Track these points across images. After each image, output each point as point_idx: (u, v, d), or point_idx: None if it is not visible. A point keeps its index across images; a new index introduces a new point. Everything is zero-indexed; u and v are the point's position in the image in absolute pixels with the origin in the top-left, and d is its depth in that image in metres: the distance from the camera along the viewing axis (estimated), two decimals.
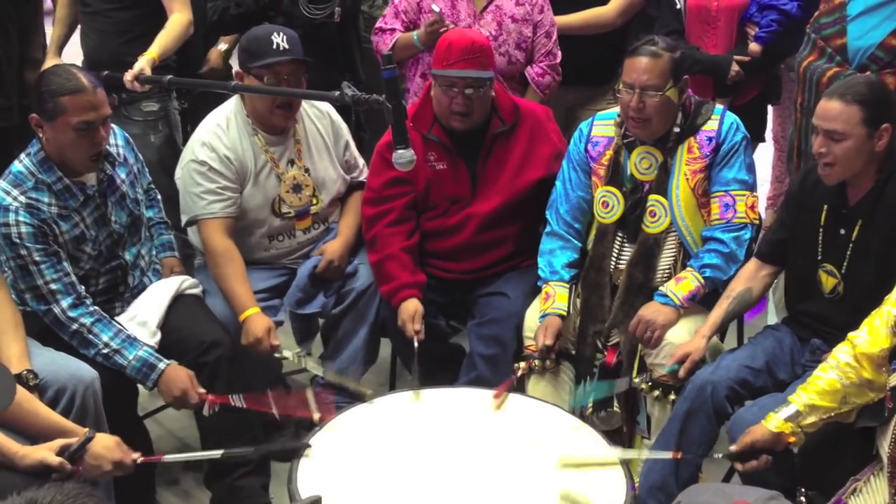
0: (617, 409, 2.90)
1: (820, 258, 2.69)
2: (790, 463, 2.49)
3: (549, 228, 3.07)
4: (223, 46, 3.97)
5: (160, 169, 3.36)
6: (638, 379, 2.82)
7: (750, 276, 2.83)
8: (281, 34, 3.00)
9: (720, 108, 2.95)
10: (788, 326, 2.82)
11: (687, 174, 2.89)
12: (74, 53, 3.66)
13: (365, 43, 3.93)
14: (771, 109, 4.21)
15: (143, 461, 2.40)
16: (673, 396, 2.76)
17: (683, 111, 2.90)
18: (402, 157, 2.40)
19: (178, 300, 2.92)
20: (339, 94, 2.49)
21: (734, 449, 2.37)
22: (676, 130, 2.88)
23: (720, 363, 2.70)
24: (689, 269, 2.88)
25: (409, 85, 3.69)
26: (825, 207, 2.66)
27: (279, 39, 2.98)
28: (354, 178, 3.36)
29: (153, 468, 2.98)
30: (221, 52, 3.97)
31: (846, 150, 2.51)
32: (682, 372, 2.70)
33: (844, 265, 2.63)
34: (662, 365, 2.78)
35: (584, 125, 3.07)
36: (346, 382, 2.97)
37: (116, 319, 2.79)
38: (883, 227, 2.57)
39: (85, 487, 1.44)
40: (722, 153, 2.87)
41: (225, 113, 3.13)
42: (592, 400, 2.82)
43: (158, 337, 2.82)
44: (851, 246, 2.61)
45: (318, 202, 3.23)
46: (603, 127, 3.02)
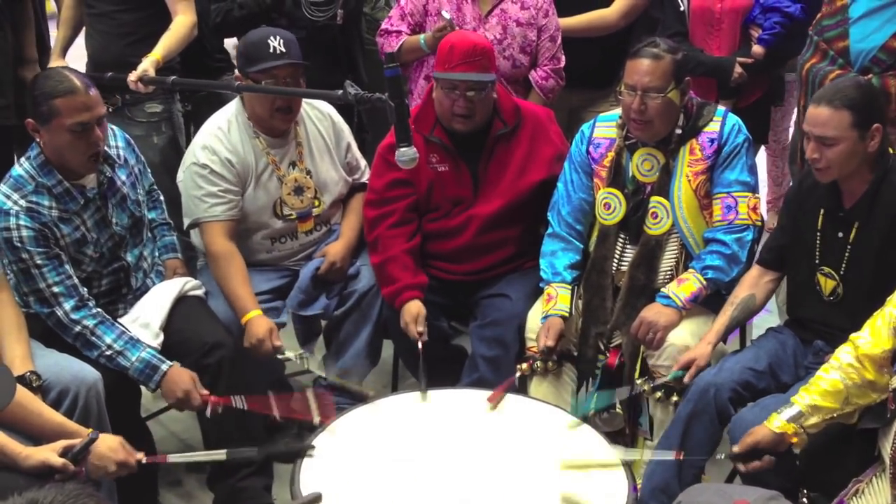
0: (619, 410, 2.90)
1: (818, 261, 2.69)
2: (791, 463, 2.49)
3: (550, 230, 3.08)
4: None
5: (163, 170, 3.37)
6: (640, 380, 2.83)
7: (753, 282, 2.84)
8: (277, 38, 3.00)
9: (722, 109, 2.96)
10: (791, 329, 2.82)
11: (689, 176, 2.89)
12: (78, 56, 3.67)
13: (367, 45, 3.94)
14: None
15: (147, 461, 2.41)
16: (675, 398, 2.76)
17: (685, 113, 2.90)
18: (404, 154, 2.41)
19: (180, 302, 2.92)
20: (342, 92, 2.49)
21: (736, 450, 2.37)
22: (678, 132, 2.88)
23: (723, 365, 2.70)
24: (690, 270, 2.88)
25: (412, 87, 3.70)
26: (821, 211, 2.67)
27: (276, 43, 2.98)
28: (356, 179, 3.36)
29: (156, 469, 2.99)
30: None
31: (839, 154, 2.51)
32: (686, 379, 2.70)
33: (843, 267, 2.64)
34: (664, 366, 2.79)
35: (585, 127, 3.07)
36: (347, 384, 2.97)
37: (119, 321, 2.80)
38: (880, 228, 2.57)
39: (86, 488, 1.43)
40: (724, 155, 2.88)
41: (226, 116, 3.13)
42: (594, 407, 2.82)
43: (161, 338, 2.82)
44: (850, 248, 2.61)
45: (319, 204, 3.23)
46: (605, 129, 3.02)
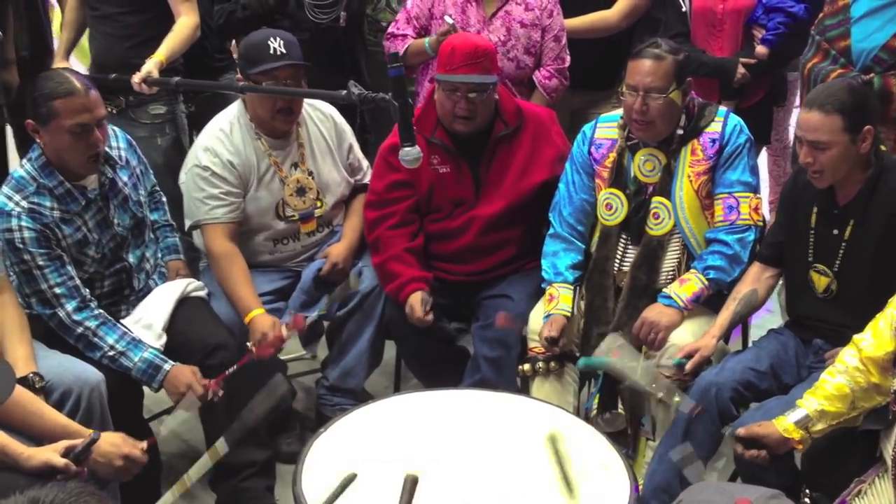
0: (621, 410, 2.90)
1: (811, 259, 2.69)
2: (790, 464, 2.50)
3: (552, 230, 3.08)
4: None
5: (167, 171, 3.37)
6: (645, 378, 2.82)
7: (754, 278, 2.84)
8: (278, 39, 2.99)
9: (723, 110, 2.95)
10: (791, 330, 2.83)
11: (690, 176, 2.89)
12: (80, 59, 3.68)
13: (370, 46, 3.94)
14: None
15: (149, 444, 2.46)
16: (677, 398, 2.76)
17: (687, 113, 2.90)
18: (408, 154, 2.41)
19: (183, 303, 2.92)
20: (345, 92, 2.50)
21: (742, 433, 2.39)
22: (680, 132, 2.89)
23: (725, 365, 2.71)
24: (692, 270, 2.88)
25: (418, 90, 3.70)
26: (815, 209, 2.68)
27: (276, 44, 2.98)
28: (358, 180, 3.37)
29: (159, 469, 2.99)
30: None
31: (832, 157, 2.52)
32: (689, 366, 2.70)
33: (837, 264, 2.64)
34: (666, 366, 2.78)
35: (587, 127, 3.07)
36: (339, 296, 3.01)
37: (122, 322, 2.81)
38: (877, 226, 2.57)
39: (87, 486, 1.44)
40: (725, 155, 2.87)
41: (228, 118, 3.13)
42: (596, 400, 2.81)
43: (164, 339, 2.83)
44: (845, 245, 2.62)
45: (322, 205, 3.23)
46: (606, 129, 3.02)
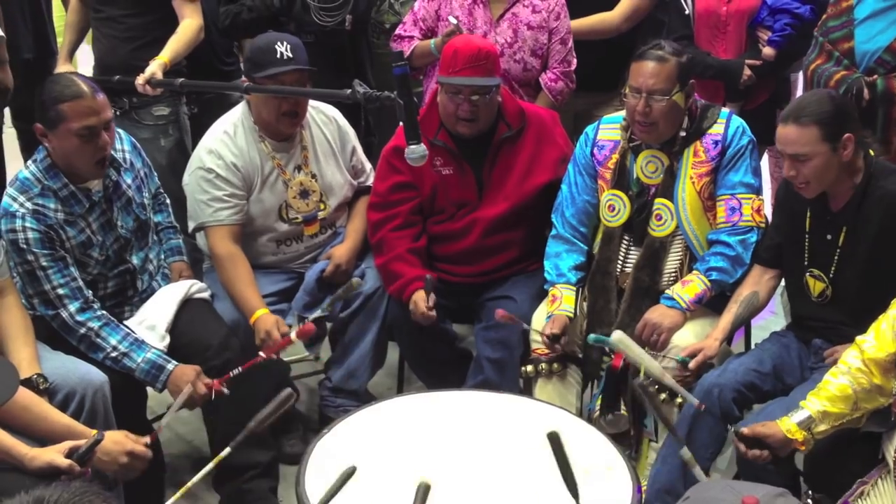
0: (624, 412, 2.90)
1: (806, 263, 2.70)
2: (791, 464, 2.50)
3: (554, 232, 3.08)
4: None
5: (170, 173, 3.38)
6: (646, 382, 2.82)
7: (755, 280, 2.84)
8: (285, 43, 3.00)
9: (726, 111, 2.96)
10: (792, 331, 2.83)
11: (693, 177, 2.89)
12: (85, 60, 3.68)
13: (374, 48, 3.94)
14: None
15: (152, 439, 2.46)
16: (680, 399, 2.76)
17: (689, 115, 2.90)
18: (414, 152, 2.42)
19: (186, 304, 2.93)
20: (350, 91, 2.50)
21: (745, 431, 2.39)
22: (682, 134, 2.89)
23: (727, 366, 2.71)
24: (695, 272, 2.88)
25: (425, 91, 3.69)
26: (808, 214, 2.68)
27: (283, 49, 2.98)
28: (362, 182, 3.37)
29: (163, 470, 3.00)
30: None
31: (814, 168, 2.52)
32: (692, 364, 2.70)
33: (832, 269, 2.65)
34: (669, 368, 2.78)
35: (589, 129, 3.07)
36: (344, 294, 3.01)
37: (125, 323, 2.81)
38: (868, 231, 2.58)
39: (92, 486, 1.44)
40: (728, 156, 2.88)
41: (232, 120, 3.14)
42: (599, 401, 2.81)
43: (167, 341, 2.83)
44: (839, 251, 2.62)
45: (325, 207, 3.24)
46: (609, 131, 3.02)
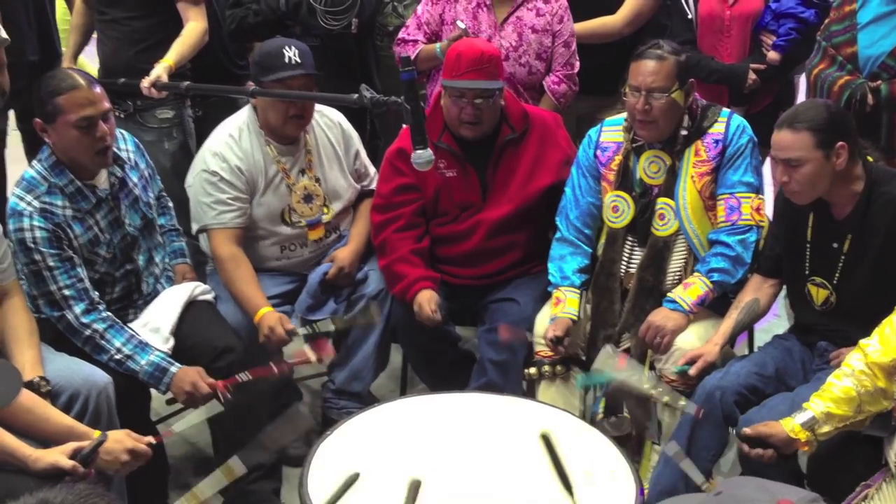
0: (627, 414, 2.90)
1: (808, 272, 2.70)
2: (794, 465, 2.50)
3: (558, 234, 3.08)
4: None
5: (174, 175, 3.38)
6: (648, 385, 2.83)
7: (755, 287, 2.85)
8: (293, 48, 3.01)
9: (726, 111, 2.97)
10: (795, 334, 2.83)
11: (694, 176, 2.90)
12: (88, 64, 3.69)
13: (379, 51, 3.94)
14: None
15: (156, 440, 2.46)
16: (682, 402, 2.76)
17: (690, 114, 2.91)
18: (420, 156, 2.43)
19: (190, 306, 2.93)
20: (357, 96, 2.51)
21: (748, 432, 2.40)
22: (684, 133, 2.90)
23: (730, 369, 2.71)
24: (696, 274, 2.89)
25: (429, 94, 3.70)
26: (810, 222, 2.68)
27: (291, 53, 2.99)
28: (365, 186, 3.37)
29: (166, 472, 3.00)
30: None
31: (806, 175, 2.54)
32: (692, 371, 2.70)
33: (836, 277, 2.65)
34: (670, 373, 2.79)
35: (592, 131, 3.08)
36: (357, 322, 3.02)
37: (130, 326, 2.81)
38: (874, 239, 2.58)
39: (97, 488, 1.45)
40: (728, 155, 2.89)
41: (237, 123, 3.14)
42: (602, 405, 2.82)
43: (171, 343, 2.84)
44: (844, 258, 2.63)
45: (328, 212, 3.24)
46: (611, 132, 3.03)
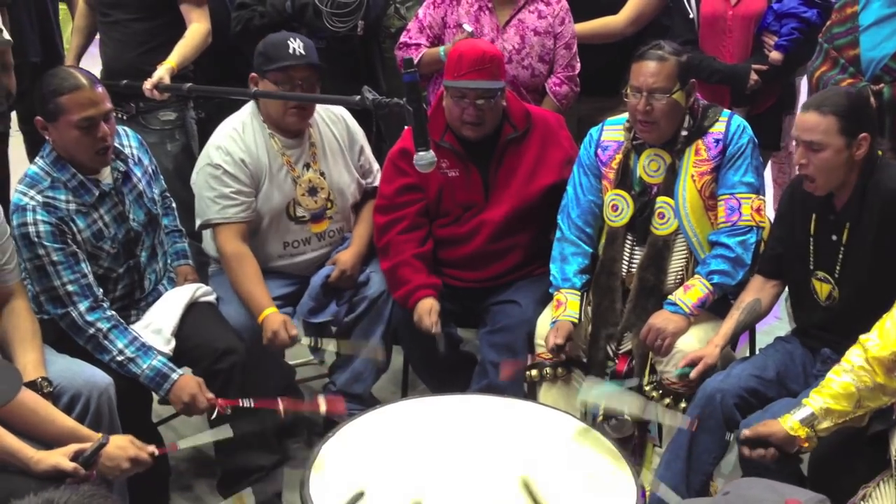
0: (628, 417, 2.90)
1: (812, 267, 2.70)
2: (795, 465, 2.50)
3: (559, 234, 3.08)
4: None
5: (176, 177, 3.39)
6: (649, 387, 2.83)
7: (757, 289, 2.85)
8: (297, 40, 3.03)
9: (727, 111, 2.97)
10: (797, 338, 2.83)
11: (694, 176, 2.89)
12: (91, 64, 3.68)
13: (384, 53, 3.94)
14: None
15: (159, 452, 2.45)
16: (683, 404, 2.76)
17: (691, 114, 2.91)
18: (423, 158, 2.43)
19: (192, 308, 2.94)
20: (359, 98, 2.51)
21: (747, 433, 2.40)
22: (684, 133, 2.90)
23: (730, 372, 2.71)
24: (696, 276, 2.89)
25: (430, 98, 3.69)
26: (813, 217, 2.68)
27: (295, 45, 3.01)
28: (369, 183, 3.37)
29: (167, 474, 3.00)
30: None
31: (825, 160, 2.53)
32: (693, 374, 2.70)
33: (837, 269, 2.65)
34: (670, 376, 2.79)
35: (594, 130, 3.08)
36: (361, 352, 3.01)
37: (132, 327, 2.81)
38: (871, 226, 2.58)
39: (100, 489, 1.46)
40: (728, 155, 2.88)
41: (241, 117, 3.15)
42: (602, 399, 2.82)
43: (173, 344, 2.84)
44: (843, 250, 2.63)
45: (332, 205, 3.24)
46: (613, 131, 3.03)
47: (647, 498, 2.53)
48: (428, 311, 3.01)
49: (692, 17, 3.74)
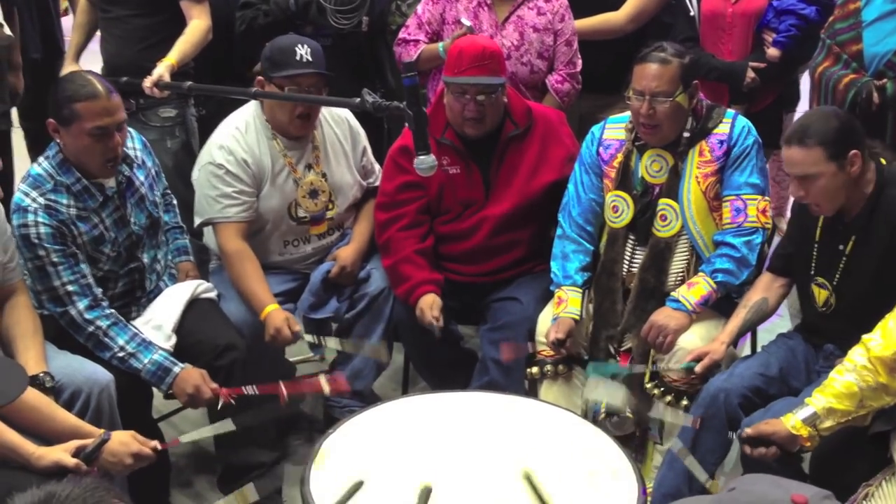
0: (629, 414, 2.90)
1: (813, 272, 2.70)
2: (797, 465, 2.50)
3: (560, 232, 3.08)
4: None
5: (176, 174, 3.38)
6: (650, 384, 2.83)
7: (765, 286, 2.84)
8: (305, 46, 3.01)
9: (731, 111, 2.96)
10: (800, 333, 2.82)
11: (698, 177, 2.89)
12: (92, 61, 3.68)
13: (392, 49, 3.93)
14: None
15: (162, 447, 2.44)
16: (685, 402, 2.76)
17: (695, 115, 2.90)
18: (423, 162, 2.42)
19: (193, 304, 2.93)
20: (359, 100, 2.51)
21: (749, 432, 2.39)
22: (687, 135, 2.89)
23: (734, 371, 2.70)
24: (700, 274, 2.88)
25: (430, 95, 3.69)
26: (820, 223, 2.67)
27: (303, 51, 2.99)
28: (370, 183, 3.37)
29: (168, 469, 3.00)
30: None
31: (823, 188, 2.52)
32: (698, 368, 2.69)
33: (836, 278, 2.64)
34: (675, 370, 2.78)
35: (595, 128, 3.08)
36: (363, 350, 3.01)
37: (132, 323, 2.81)
38: (878, 241, 2.57)
39: (102, 482, 1.45)
40: (733, 157, 2.88)
41: (244, 117, 3.14)
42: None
43: (174, 341, 2.84)
44: (845, 260, 2.62)
45: (333, 207, 3.24)
46: (614, 130, 3.02)
47: (648, 495, 2.53)
48: (430, 305, 3.01)
49: (693, 14, 3.73)
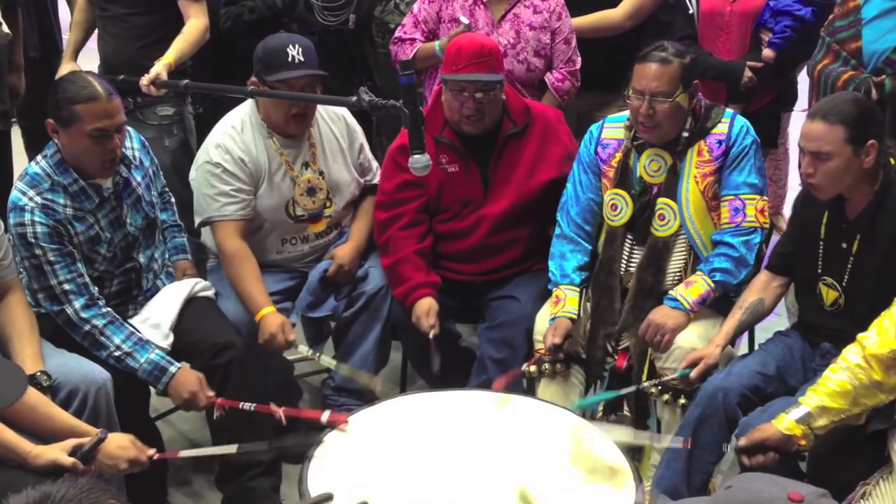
0: (627, 413, 2.90)
1: (820, 271, 2.69)
2: (794, 464, 2.49)
3: (558, 231, 3.07)
4: None
5: (174, 173, 3.38)
6: (648, 383, 2.83)
7: (762, 286, 2.84)
8: (297, 46, 2.98)
9: (730, 111, 2.96)
10: (798, 332, 2.82)
11: (697, 177, 2.89)
12: (90, 59, 3.68)
13: (378, 48, 3.93)
14: None
15: (158, 457, 2.43)
16: (683, 400, 2.76)
17: (693, 114, 2.90)
18: (418, 161, 2.41)
19: (190, 303, 2.93)
20: (356, 99, 2.50)
21: (743, 443, 2.38)
22: (686, 134, 2.89)
23: (731, 369, 2.70)
24: (698, 273, 2.88)
25: (426, 94, 3.69)
26: (824, 221, 2.66)
27: (294, 52, 2.97)
28: (368, 180, 3.36)
29: (165, 469, 3.00)
30: None
31: (833, 169, 2.50)
32: (693, 374, 2.69)
33: (846, 278, 2.63)
34: (672, 369, 2.78)
35: (594, 127, 3.07)
36: (358, 377, 2.98)
37: (129, 322, 2.81)
38: (883, 240, 2.56)
39: (98, 482, 1.45)
40: (731, 156, 2.87)
41: (240, 115, 3.14)
42: (601, 404, 2.82)
43: (171, 339, 2.84)
44: (852, 259, 2.61)
45: (331, 205, 3.23)
46: (613, 129, 3.02)
47: (646, 494, 2.53)
48: (426, 312, 3.01)
49: (692, 12, 3.73)
